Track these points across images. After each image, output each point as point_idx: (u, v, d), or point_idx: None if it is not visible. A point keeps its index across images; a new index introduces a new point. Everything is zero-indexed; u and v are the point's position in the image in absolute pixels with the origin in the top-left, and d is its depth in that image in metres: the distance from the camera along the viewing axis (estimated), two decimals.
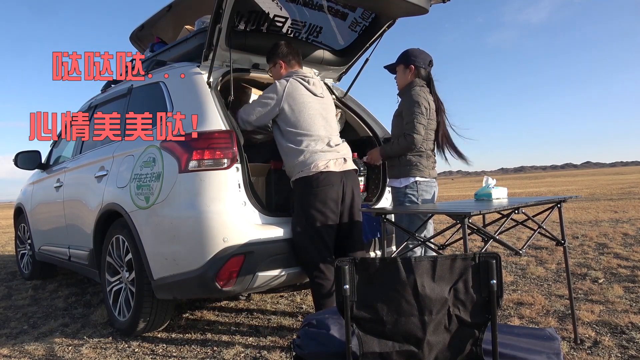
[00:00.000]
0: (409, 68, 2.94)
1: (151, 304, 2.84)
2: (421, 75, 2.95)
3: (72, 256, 3.86)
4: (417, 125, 2.77)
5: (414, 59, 2.94)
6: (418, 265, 1.42)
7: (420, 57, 2.95)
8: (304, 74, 2.88)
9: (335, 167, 2.69)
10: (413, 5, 2.95)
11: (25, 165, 4.72)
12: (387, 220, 2.50)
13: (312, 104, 2.80)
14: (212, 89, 2.80)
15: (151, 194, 2.72)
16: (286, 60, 2.92)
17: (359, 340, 1.44)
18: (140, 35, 4.08)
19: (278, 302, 3.75)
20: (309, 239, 2.63)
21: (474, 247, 5.09)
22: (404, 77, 2.97)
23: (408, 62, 2.94)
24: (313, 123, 2.75)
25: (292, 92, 2.76)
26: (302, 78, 2.85)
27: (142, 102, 3.36)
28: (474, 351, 1.45)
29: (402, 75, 2.98)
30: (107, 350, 2.82)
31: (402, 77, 2.97)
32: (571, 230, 6.96)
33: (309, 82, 2.85)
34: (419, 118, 2.78)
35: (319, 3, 3.13)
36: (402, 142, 2.82)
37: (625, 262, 4.58)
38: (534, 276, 4.23)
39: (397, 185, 2.88)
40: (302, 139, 2.71)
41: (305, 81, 2.84)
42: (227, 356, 2.64)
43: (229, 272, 2.50)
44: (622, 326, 2.83)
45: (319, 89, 2.89)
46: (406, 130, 2.80)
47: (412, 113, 2.79)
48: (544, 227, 2.52)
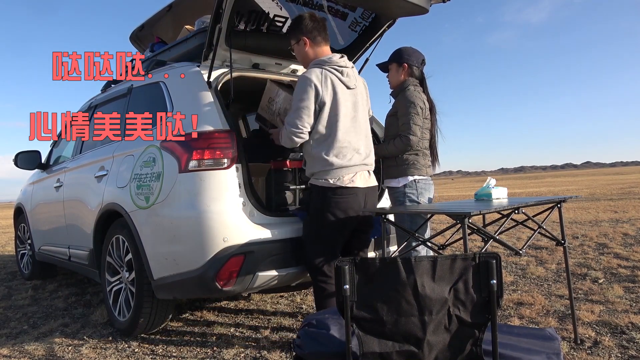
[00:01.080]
0: (402, 66, 2.92)
1: (151, 304, 2.84)
2: (414, 74, 2.93)
3: (72, 256, 3.86)
4: (413, 126, 2.76)
5: (408, 58, 2.92)
6: (418, 265, 1.42)
7: (414, 56, 2.94)
8: (337, 63, 2.55)
9: (360, 181, 2.55)
10: (413, 5, 2.95)
11: (25, 165, 4.72)
12: (387, 220, 2.50)
13: (346, 102, 2.54)
14: (212, 89, 2.79)
15: (151, 193, 2.71)
16: (311, 36, 2.59)
17: (359, 340, 1.44)
18: (140, 35, 4.08)
19: (278, 302, 3.75)
20: (320, 243, 2.57)
21: (474, 247, 5.09)
22: (397, 75, 2.94)
23: (401, 61, 2.92)
24: (344, 125, 2.51)
25: (328, 86, 2.48)
26: (336, 68, 2.54)
27: (142, 102, 3.36)
28: (474, 351, 1.45)
29: (395, 74, 2.95)
30: (107, 350, 2.82)
31: (395, 75, 2.95)
32: (571, 230, 6.96)
33: (342, 73, 2.55)
34: (415, 119, 2.77)
35: (319, 3, 3.13)
36: (398, 143, 2.80)
37: (625, 262, 4.58)
38: (534, 276, 4.23)
39: (396, 185, 2.85)
40: (331, 145, 2.50)
41: (339, 72, 2.54)
42: (227, 356, 2.64)
43: (229, 272, 2.50)
44: (622, 326, 2.83)
45: (352, 80, 2.59)
46: (402, 131, 2.79)
47: (408, 114, 2.77)
48: (544, 227, 2.52)
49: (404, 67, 2.92)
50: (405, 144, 2.77)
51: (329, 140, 2.50)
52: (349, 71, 2.59)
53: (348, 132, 2.53)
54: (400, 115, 2.81)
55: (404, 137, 2.77)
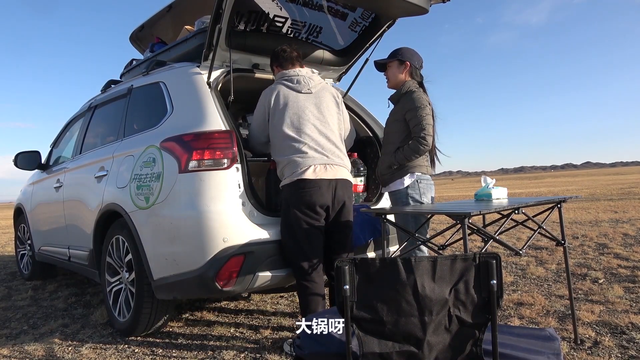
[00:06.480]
0: (404, 64, 2.88)
1: (151, 304, 2.83)
2: (415, 76, 2.90)
3: (72, 256, 3.86)
4: (427, 126, 2.71)
5: (410, 57, 2.89)
6: (418, 266, 1.41)
7: (415, 57, 2.91)
8: (288, 74, 2.78)
9: (321, 174, 2.59)
10: (413, 5, 2.95)
11: (25, 166, 4.72)
12: (387, 221, 2.50)
13: (297, 103, 2.69)
14: (212, 89, 2.80)
15: (151, 194, 2.71)
16: (278, 63, 2.85)
17: (359, 341, 1.44)
18: (140, 36, 4.09)
19: (278, 302, 3.75)
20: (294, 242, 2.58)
21: (474, 247, 5.09)
22: (397, 73, 2.89)
23: (403, 59, 2.88)
24: (298, 124, 2.65)
25: (271, 96, 2.70)
26: (287, 78, 2.77)
27: (142, 102, 3.36)
28: (474, 351, 1.45)
29: (396, 71, 2.90)
30: (107, 350, 2.82)
31: (396, 72, 2.89)
32: (571, 231, 6.96)
33: (292, 81, 2.75)
34: (428, 119, 2.72)
35: (319, 3, 3.13)
36: (415, 145, 2.72)
37: (625, 262, 4.59)
38: (534, 276, 4.23)
39: (399, 187, 2.82)
40: (285, 143, 2.64)
41: (288, 80, 2.76)
42: (227, 356, 2.64)
43: (229, 272, 2.50)
44: (622, 326, 2.83)
45: (305, 86, 2.75)
46: (416, 133, 2.72)
47: (419, 115, 2.72)
48: (544, 227, 2.52)
49: (405, 66, 2.88)
50: (423, 144, 2.70)
51: (283, 140, 2.66)
52: (301, 78, 2.77)
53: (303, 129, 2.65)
54: (411, 118, 2.75)
55: (421, 138, 2.70)
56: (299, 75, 2.77)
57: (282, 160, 2.66)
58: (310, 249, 2.58)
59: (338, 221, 2.69)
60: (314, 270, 2.58)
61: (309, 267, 2.57)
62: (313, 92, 2.77)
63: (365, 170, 3.38)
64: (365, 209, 2.84)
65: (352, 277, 1.42)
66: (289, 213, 2.59)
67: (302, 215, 2.56)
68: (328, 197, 2.61)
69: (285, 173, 2.65)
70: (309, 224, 2.57)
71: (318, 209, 2.59)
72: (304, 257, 2.57)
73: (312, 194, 2.57)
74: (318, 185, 2.58)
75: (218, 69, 2.93)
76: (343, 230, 2.72)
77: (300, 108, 2.70)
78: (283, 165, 2.66)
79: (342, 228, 2.71)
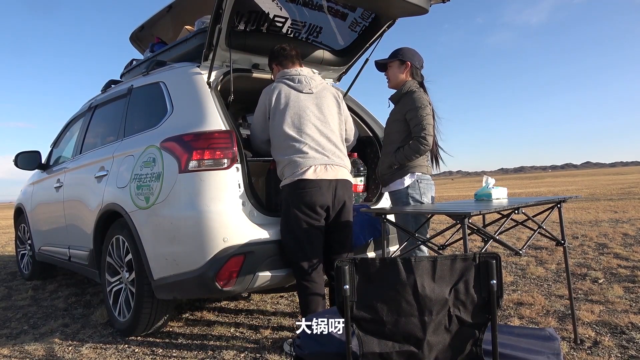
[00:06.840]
0: (405, 64, 2.88)
1: (151, 304, 2.83)
2: (415, 76, 2.90)
3: (72, 256, 3.86)
4: (427, 126, 2.71)
5: (411, 57, 2.89)
6: (418, 266, 1.42)
7: (416, 57, 2.91)
8: (290, 73, 2.78)
9: (322, 174, 2.59)
10: (413, 5, 2.95)
11: (25, 166, 4.72)
12: (387, 221, 2.50)
13: (298, 103, 2.69)
14: (212, 89, 2.80)
15: (151, 194, 2.71)
16: (277, 61, 2.86)
17: (359, 341, 1.44)
18: (140, 36, 4.09)
19: (278, 302, 3.75)
20: (294, 242, 2.58)
21: (474, 247, 5.09)
22: (398, 72, 2.89)
23: (404, 58, 2.88)
24: (299, 124, 2.65)
25: (272, 95, 2.70)
26: (288, 77, 2.77)
27: (142, 102, 3.36)
28: (474, 351, 1.45)
29: (397, 71, 2.90)
30: (107, 350, 2.82)
31: (397, 72, 2.89)
32: (571, 230, 6.96)
33: (293, 80, 2.75)
34: (428, 119, 2.73)
35: (319, 3, 3.13)
36: (415, 145, 2.72)
37: (625, 262, 4.59)
38: (534, 276, 4.23)
39: (400, 186, 2.82)
40: (286, 143, 2.64)
41: (290, 79, 2.76)
42: (227, 356, 2.64)
43: (229, 272, 2.50)
44: (622, 326, 2.83)
45: (306, 86, 2.75)
46: (417, 133, 2.72)
47: (420, 115, 2.72)
48: (544, 227, 2.52)
49: (406, 66, 2.88)
50: (424, 144, 2.70)
51: (283, 140, 2.65)
52: (303, 78, 2.77)
53: (304, 129, 2.65)
54: (412, 117, 2.75)
55: (421, 137, 2.70)
56: (301, 75, 2.78)
57: (283, 160, 2.66)
58: (311, 249, 2.59)
59: (338, 221, 2.69)
60: (314, 270, 2.58)
61: (309, 267, 2.57)
62: (314, 92, 2.77)
63: (365, 170, 3.38)
64: (365, 209, 2.84)
65: (352, 277, 1.42)
66: (289, 213, 2.59)
67: (302, 215, 2.57)
68: (328, 197, 2.61)
69: (285, 173, 2.65)
70: (309, 224, 2.58)
71: (318, 209, 2.59)
72: (304, 257, 2.57)
73: (312, 194, 2.57)
74: (318, 186, 2.58)
75: (218, 69, 2.94)
76: (343, 230, 2.72)
77: (301, 108, 2.70)
78: (283, 165, 2.66)
79: (342, 228, 2.72)
